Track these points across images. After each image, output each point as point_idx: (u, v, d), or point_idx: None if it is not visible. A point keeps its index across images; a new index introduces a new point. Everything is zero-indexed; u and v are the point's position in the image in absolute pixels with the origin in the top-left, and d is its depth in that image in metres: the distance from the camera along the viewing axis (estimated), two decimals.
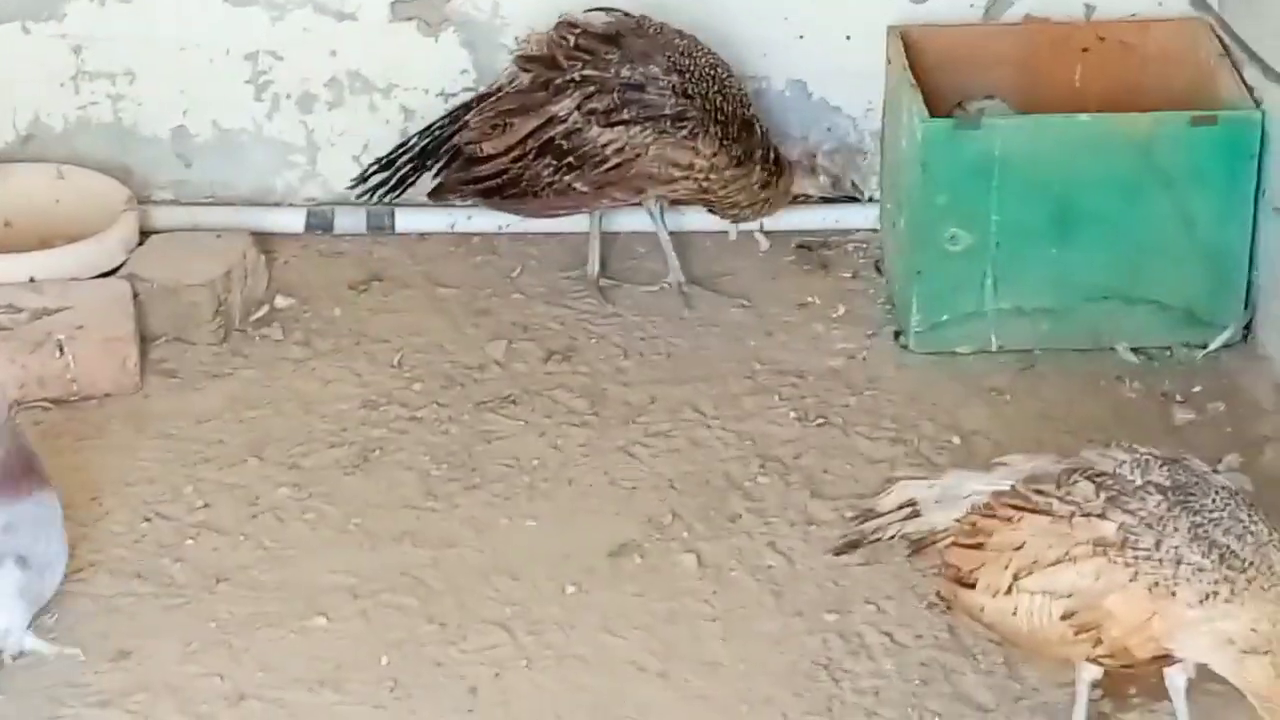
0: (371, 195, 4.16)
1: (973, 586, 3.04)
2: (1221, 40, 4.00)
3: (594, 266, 4.11)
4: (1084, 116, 3.86)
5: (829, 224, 4.27)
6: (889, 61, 4.08)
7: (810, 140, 4.21)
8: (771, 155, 4.05)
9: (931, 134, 3.82)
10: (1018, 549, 2.98)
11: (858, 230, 4.26)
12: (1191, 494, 2.91)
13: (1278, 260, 3.81)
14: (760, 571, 3.41)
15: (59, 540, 3.26)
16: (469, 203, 4.16)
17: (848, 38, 4.19)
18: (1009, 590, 2.99)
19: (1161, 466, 2.96)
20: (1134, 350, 3.90)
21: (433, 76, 4.24)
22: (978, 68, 4.12)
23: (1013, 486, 3.06)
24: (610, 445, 3.72)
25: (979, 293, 3.90)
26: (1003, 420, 3.75)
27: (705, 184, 4.00)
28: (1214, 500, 2.88)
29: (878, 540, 3.16)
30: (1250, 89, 3.87)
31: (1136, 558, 2.88)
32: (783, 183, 4.08)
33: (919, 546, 3.14)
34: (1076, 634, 2.94)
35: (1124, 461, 2.98)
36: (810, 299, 4.12)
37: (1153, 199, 3.83)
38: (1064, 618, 2.94)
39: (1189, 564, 2.85)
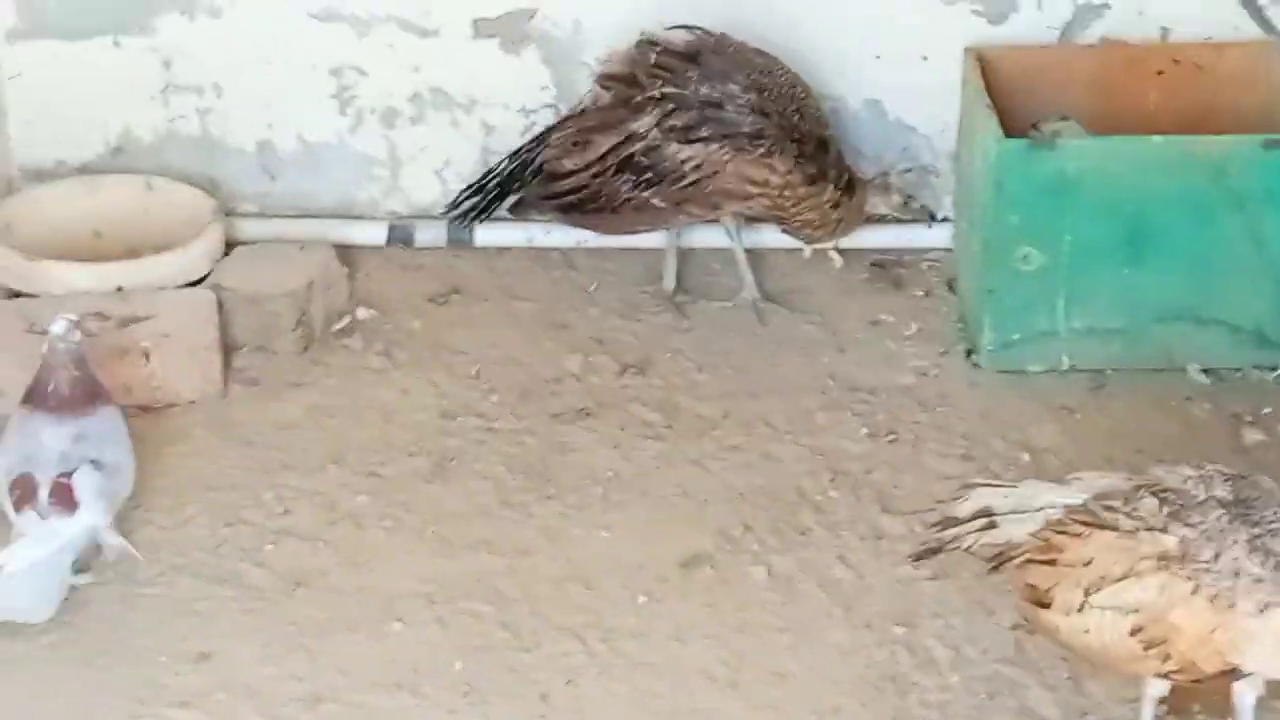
0: (464, 220, 4.19)
1: (1049, 606, 3.04)
2: None
3: (670, 282, 4.14)
4: (1157, 138, 3.86)
5: (903, 242, 4.28)
6: (965, 82, 4.08)
7: (885, 160, 4.22)
8: (845, 175, 4.06)
9: (1006, 153, 3.82)
10: (1087, 565, 3.00)
11: (931, 249, 4.28)
12: (1252, 507, 2.92)
13: None
14: (829, 584, 3.43)
15: (126, 449, 3.45)
16: (549, 218, 4.19)
17: (924, 58, 4.20)
18: (1081, 608, 2.99)
19: (1225, 482, 2.98)
20: (1205, 371, 3.89)
21: (513, 93, 4.27)
22: (1053, 89, 4.11)
23: (1084, 502, 3.07)
24: (683, 458, 3.73)
25: (1051, 312, 3.90)
26: (1073, 439, 3.75)
27: (780, 201, 4.02)
28: (1275, 513, 2.89)
29: (955, 548, 3.14)
30: None
31: (1197, 570, 2.90)
32: (855, 202, 4.10)
33: (998, 560, 3.13)
34: (1146, 649, 2.94)
35: (1189, 477, 3.00)
36: (883, 316, 4.13)
37: (1225, 221, 3.82)
38: (1132, 633, 2.95)
39: (1248, 575, 2.86)
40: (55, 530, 3.31)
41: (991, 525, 3.14)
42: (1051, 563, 3.05)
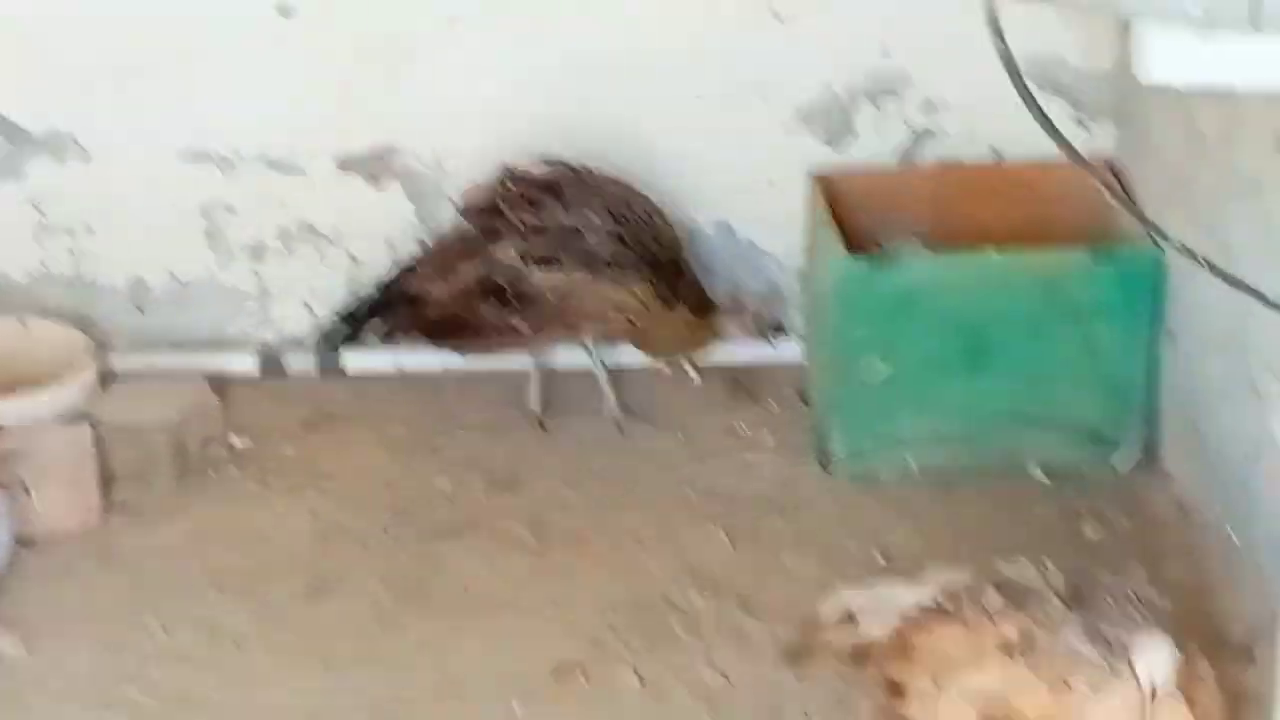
0: (334, 346, 4.26)
1: (902, 696, 3.12)
2: (1120, 178, 4.10)
3: (534, 401, 4.21)
4: (992, 254, 3.96)
5: (758, 358, 4.33)
6: (810, 205, 4.18)
7: (736, 280, 4.32)
8: (700, 297, 4.16)
9: (850, 270, 3.92)
10: (936, 656, 3.09)
11: (784, 363, 4.32)
12: (1087, 596, 3.04)
13: (1173, 386, 3.92)
14: (697, 686, 3.46)
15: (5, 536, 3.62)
16: (417, 343, 4.24)
17: (770, 183, 4.29)
18: (933, 699, 3.07)
19: (1064, 577, 3.09)
20: (1045, 471, 3.99)
21: (379, 226, 4.32)
22: (894, 209, 4.18)
23: (934, 599, 3.17)
24: (553, 570, 3.77)
25: (897, 420, 3.98)
26: (923, 539, 3.81)
27: (638, 323, 4.12)
28: (1108, 601, 3.02)
29: (825, 648, 3.24)
30: (1148, 224, 3.89)
31: (1036, 657, 2.99)
32: (708, 323, 4.19)
33: (861, 657, 3.22)
34: None
35: (1029, 570, 3.12)
36: (740, 427, 4.19)
37: (1059, 329, 3.92)
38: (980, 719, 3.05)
39: (1083, 659, 2.96)
40: None
41: (852, 626, 3.23)
42: (907, 656, 3.14)
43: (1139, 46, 2.12)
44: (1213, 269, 2.34)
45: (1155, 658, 2.97)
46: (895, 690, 3.15)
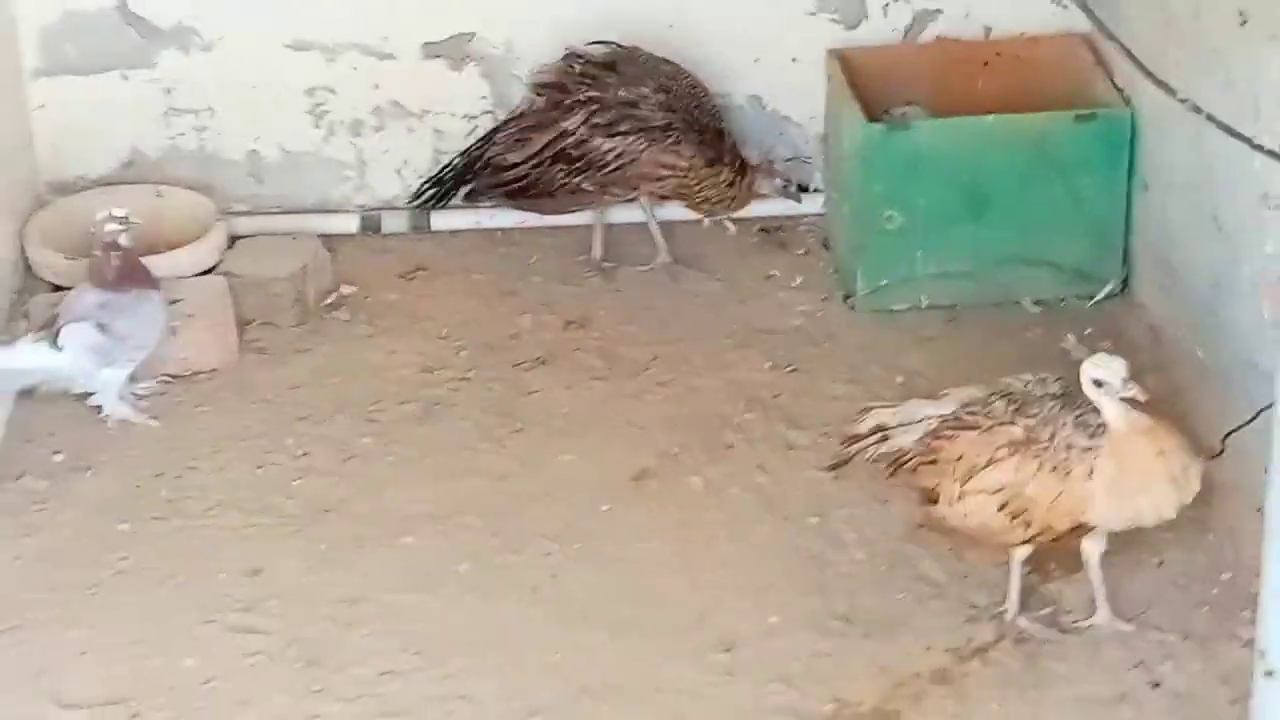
0: (424, 206, 4.30)
1: (936, 501, 3.24)
2: (1095, 51, 4.15)
3: (598, 251, 4.26)
4: (989, 118, 4.00)
5: (784, 211, 4.36)
6: (829, 78, 4.22)
7: (765, 146, 4.33)
8: (738, 159, 4.19)
9: (868, 135, 3.97)
10: (959, 460, 3.19)
11: (807, 215, 4.37)
12: (1075, 397, 3.15)
13: (1147, 227, 3.97)
14: (753, 488, 3.58)
15: (151, 327, 3.74)
16: (495, 204, 4.30)
17: (794, 59, 4.32)
18: (960, 497, 3.19)
19: (1055, 381, 3.22)
20: (1036, 303, 4.06)
21: (458, 103, 4.35)
22: (900, 80, 4.21)
23: (952, 411, 3.27)
24: (623, 394, 3.85)
25: (910, 262, 4.04)
26: (934, 362, 3.89)
27: (686, 182, 4.16)
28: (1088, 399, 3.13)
29: (859, 458, 3.34)
30: (1120, 90, 4.04)
31: (1040, 450, 3.12)
32: (746, 181, 4.22)
33: (894, 466, 3.32)
34: (1012, 520, 3.15)
35: (1029, 381, 3.24)
36: (773, 272, 4.24)
37: (1046, 182, 3.98)
38: (999, 509, 3.15)
39: (1077, 446, 3.10)
40: (34, 354, 3.61)
41: (885, 438, 3.32)
42: (933, 463, 3.24)
43: None
44: (1210, 119, 2.40)
45: (1110, 366, 3.11)
46: (929, 496, 3.26)
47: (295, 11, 4.28)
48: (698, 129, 4.14)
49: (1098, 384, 3.12)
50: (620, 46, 4.20)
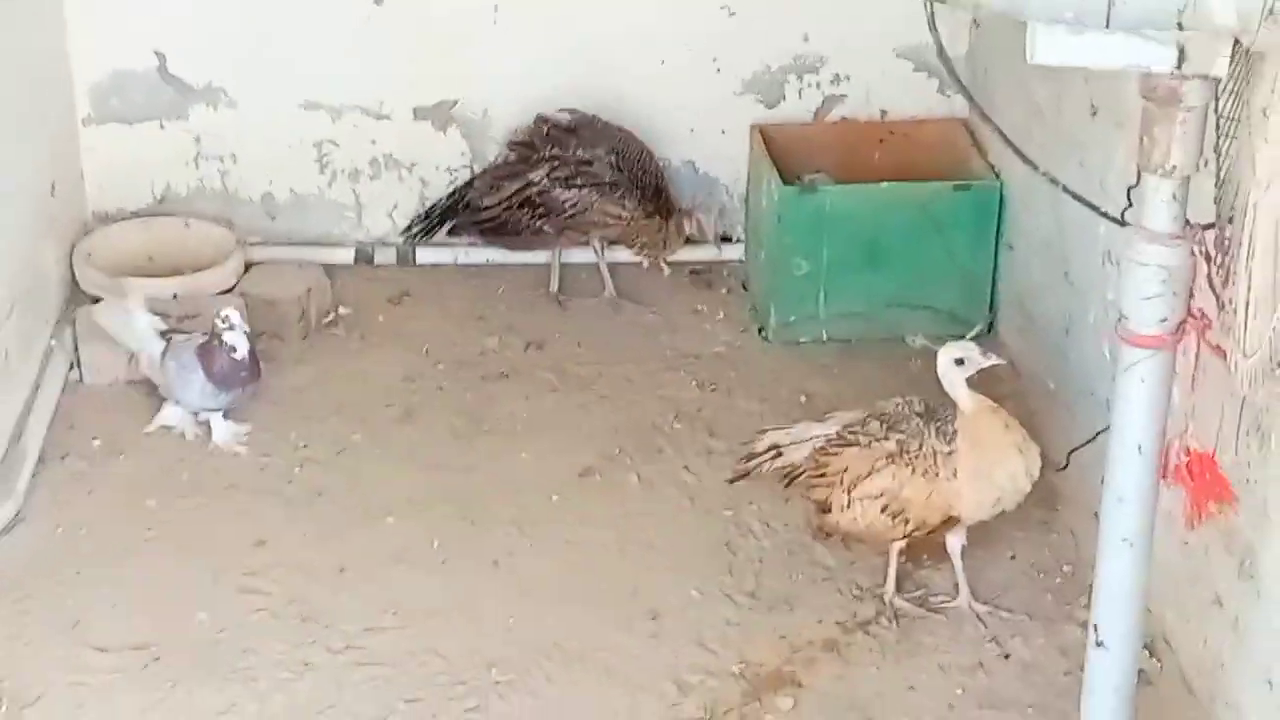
0: (414, 239, 4.33)
1: (829, 510, 3.27)
2: (972, 133, 4.23)
3: (554, 285, 4.27)
4: (883, 185, 4.05)
5: (711, 257, 4.39)
6: (751, 148, 4.27)
7: (694, 200, 4.35)
8: (670, 211, 4.22)
9: (783, 196, 4.01)
10: (844, 472, 3.24)
11: (730, 261, 4.39)
12: (936, 413, 3.22)
13: (1009, 278, 4.03)
14: (679, 484, 3.61)
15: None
16: (473, 239, 4.31)
17: (723, 131, 4.36)
18: (848, 504, 3.23)
19: (920, 402, 3.27)
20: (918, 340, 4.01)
21: (441, 158, 4.37)
22: (811, 152, 4.26)
23: (837, 431, 3.31)
24: (573, 404, 3.87)
25: (815, 302, 4.07)
26: (834, 386, 3.92)
27: (629, 229, 4.21)
28: (949, 413, 3.20)
29: (757, 472, 3.38)
30: (992, 166, 4.10)
31: (910, 458, 3.18)
32: (673, 227, 4.24)
33: (788, 479, 3.36)
34: (893, 519, 3.20)
35: (898, 403, 3.29)
36: (700, 307, 4.26)
37: (929, 239, 4.02)
38: (882, 511, 3.20)
39: (940, 452, 3.17)
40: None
41: (779, 454, 3.35)
42: (822, 476, 3.27)
43: (1030, 39, 2.16)
44: (1065, 189, 2.46)
45: (966, 346, 3.18)
46: (822, 507, 3.30)
47: (307, 77, 4.30)
48: (639, 186, 4.17)
49: (959, 362, 3.15)
50: (583, 114, 4.23)
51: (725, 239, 4.40)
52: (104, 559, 3.37)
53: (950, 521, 3.22)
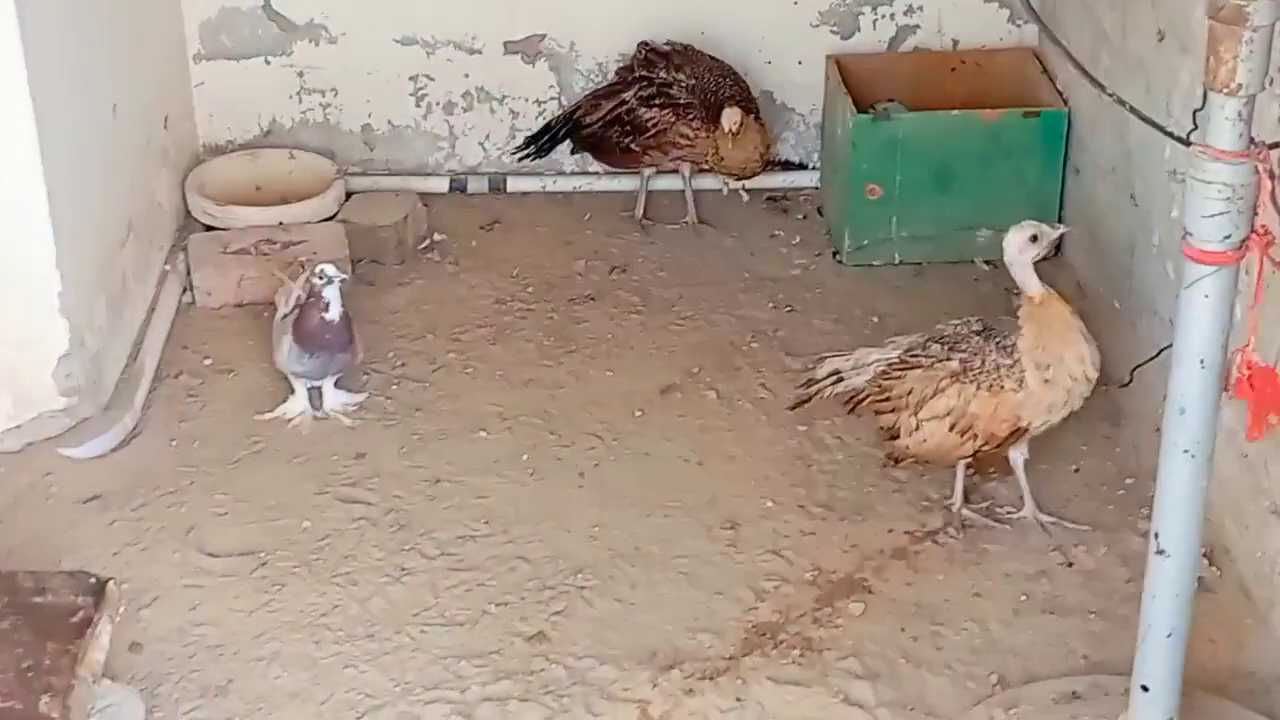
0: (532, 154, 4.24)
1: (897, 436, 3.20)
2: (1041, 61, 4.13)
3: (640, 210, 4.22)
4: (954, 112, 3.98)
5: (787, 184, 4.34)
6: (827, 77, 4.20)
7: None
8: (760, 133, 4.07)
9: (858, 123, 3.95)
10: (909, 394, 3.16)
11: (805, 188, 4.34)
12: (994, 331, 3.14)
13: (1076, 202, 3.94)
14: (756, 401, 3.57)
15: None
16: (582, 153, 4.26)
17: (799, 62, 4.29)
18: (916, 427, 3.16)
19: (977, 322, 3.19)
20: (986, 262, 3.99)
21: (531, 91, 4.33)
22: (884, 81, 4.18)
23: (899, 356, 3.22)
24: (655, 325, 3.84)
25: (887, 226, 4.01)
26: (905, 307, 3.87)
27: (700, 149, 4.07)
28: (1007, 332, 3.13)
29: (819, 398, 3.31)
30: (1060, 92, 4.01)
31: (974, 375, 3.10)
32: (762, 152, 4.08)
33: (850, 403, 3.29)
34: (962, 436, 3.13)
35: (955, 324, 3.20)
36: (777, 232, 4.21)
37: (999, 164, 3.95)
38: (950, 429, 3.13)
39: (1003, 366, 3.09)
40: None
41: (840, 380, 3.27)
42: (886, 400, 3.20)
43: None
44: (1132, 110, 2.38)
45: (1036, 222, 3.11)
46: (889, 433, 3.22)
47: (403, 14, 4.27)
48: (714, 110, 4.04)
49: (1033, 239, 3.07)
50: (678, 43, 4.15)
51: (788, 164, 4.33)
52: (215, 470, 3.38)
53: (1018, 433, 3.15)
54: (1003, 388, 3.10)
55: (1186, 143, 2.30)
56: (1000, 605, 3.05)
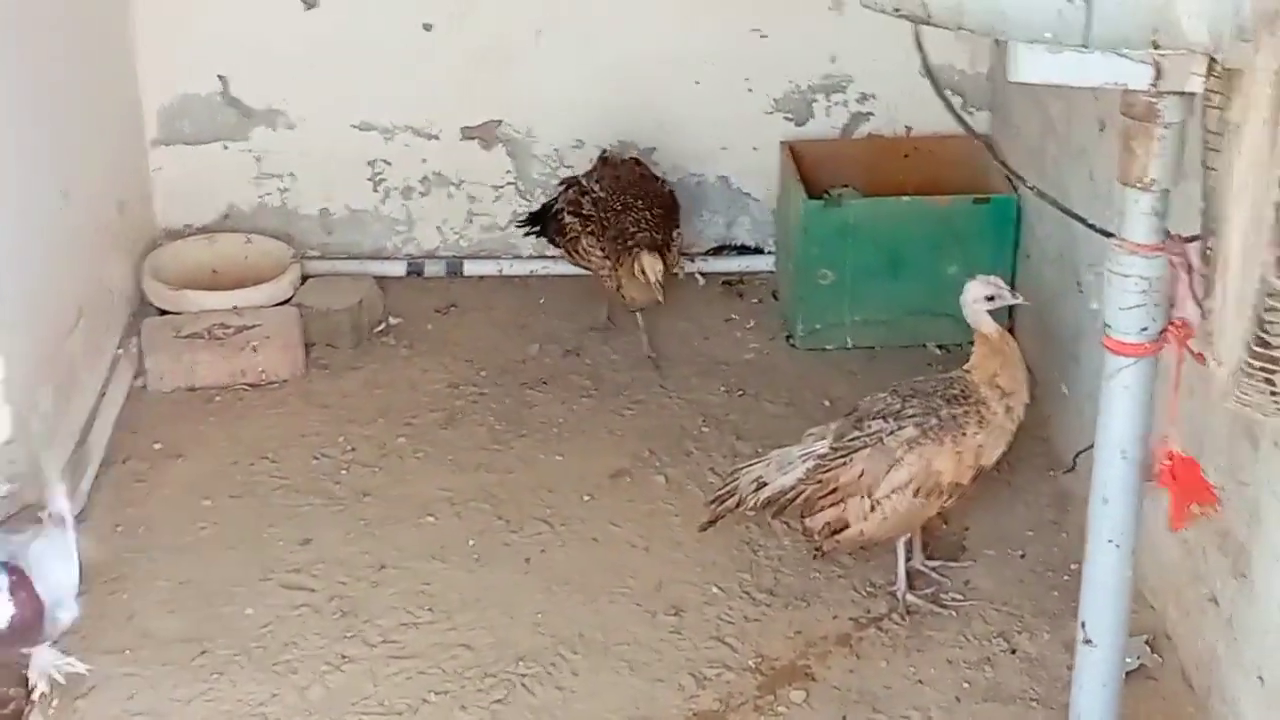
0: (531, 233, 4.21)
1: (847, 525, 3.15)
2: (992, 149, 4.08)
3: (645, 348, 4.05)
4: (906, 198, 4.02)
5: (743, 268, 4.39)
6: (782, 164, 4.23)
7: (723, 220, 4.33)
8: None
9: (809, 209, 3.98)
10: (860, 477, 3.12)
11: (761, 271, 4.37)
12: (925, 391, 3.17)
13: (1026, 287, 3.87)
14: (705, 485, 3.54)
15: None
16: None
17: (755, 148, 4.33)
18: (873, 508, 3.12)
19: (905, 386, 3.20)
20: (939, 346, 4.04)
21: (488, 176, 4.36)
22: (838, 166, 4.23)
23: (831, 446, 3.17)
24: (607, 409, 3.84)
25: (840, 310, 4.04)
26: (858, 390, 3.75)
27: (605, 272, 3.95)
28: (934, 386, 3.17)
29: (738, 510, 3.22)
30: (1011, 180, 3.98)
31: (932, 433, 3.10)
32: (630, 273, 3.89)
33: (778, 506, 3.21)
34: (928, 498, 3.10)
35: (884, 397, 3.19)
36: (732, 315, 4.23)
37: (950, 250, 3.97)
38: (915, 495, 3.10)
39: (958, 414, 3.11)
40: None
41: (763, 485, 3.21)
42: (834, 493, 3.14)
43: (1010, 58, 2.13)
44: (1053, 202, 2.43)
45: (995, 282, 3.15)
46: (832, 527, 3.16)
47: (361, 99, 4.31)
48: (612, 228, 3.94)
49: (989, 298, 3.13)
50: (618, 157, 4.15)
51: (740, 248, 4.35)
52: (159, 556, 3.38)
53: (978, 477, 3.13)
54: (964, 434, 3.10)
55: (1108, 234, 2.34)
56: (943, 692, 3.06)
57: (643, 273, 3.86)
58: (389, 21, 4.23)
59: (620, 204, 3.99)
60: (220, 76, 4.28)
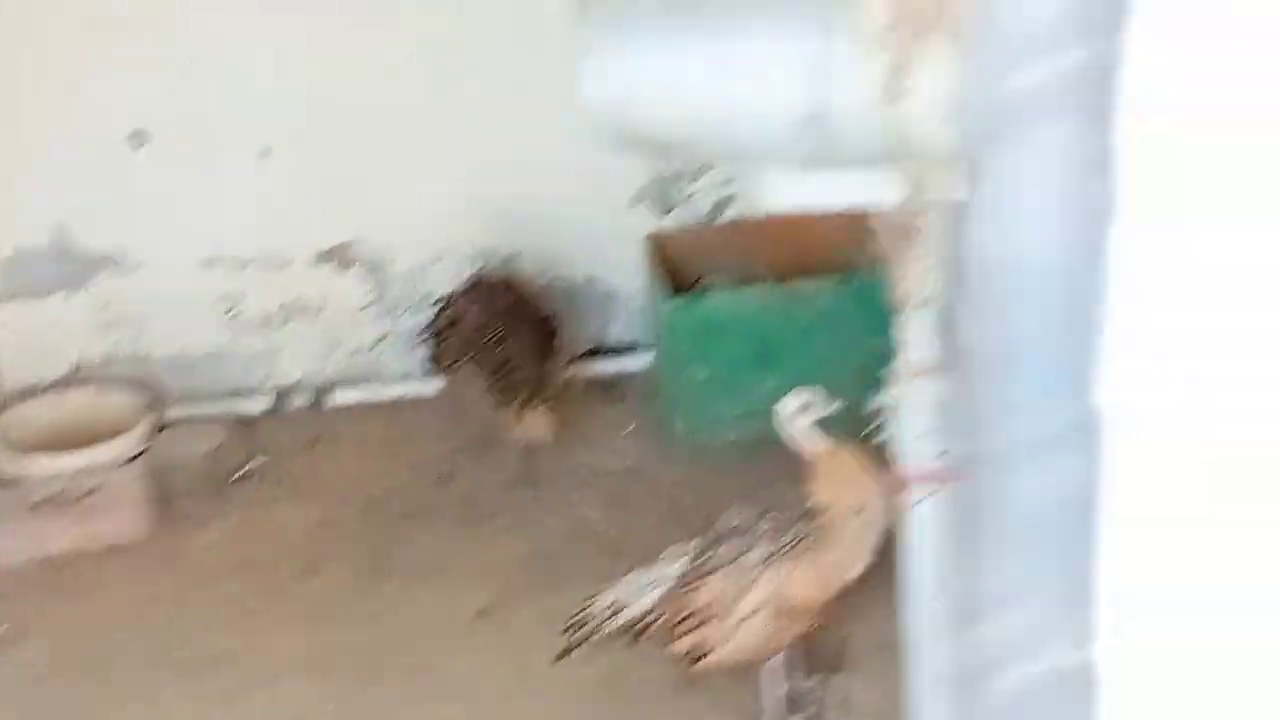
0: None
1: (707, 653, 3.02)
2: (863, 224, 4.05)
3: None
4: (767, 286, 3.88)
5: (619, 369, 4.26)
6: (647, 258, 4.10)
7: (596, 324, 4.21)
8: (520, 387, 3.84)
9: (670, 307, 3.88)
10: (716, 600, 3.00)
11: (638, 372, 4.22)
12: (780, 502, 3.05)
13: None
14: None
15: None
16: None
17: (620, 243, 4.17)
18: (733, 632, 3.00)
19: (766, 499, 3.08)
20: None
21: (348, 298, 4.24)
22: (706, 254, 4.10)
23: (684, 570, 3.05)
24: (481, 536, 3.68)
25: (717, 405, 3.88)
26: (739, 493, 3.39)
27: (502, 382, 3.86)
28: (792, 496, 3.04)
29: (595, 638, 3.07)
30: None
31: (788, 551, 2.98)
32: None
33: (638, 631, 3.08)
34: (790, 619, 2.99)
35: (740, 511, 3.08)
36: (611, 421, 4.08)
37: (820, 335, 3.83)
38: (775, 617, 2.98)
39: (813, 530, 2.98)
40: None
41: (618, 612, 3.08)
42: (691, 617, 3.02)
43: (756, 185, 2.05)
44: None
45: (806, 394, 3.07)
46: (696, 653, 3.03)
47: (206, 234, 4.17)
48: (502, 369, 3.86)
49: (803, 409, 3.02)
50: (491, 278, 4.04)
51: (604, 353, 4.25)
52: None
53: (843, 589, 3.01)
54: (820, 552, 2.98)
55: None
56: None
57: (546, 436, 3.81)
58: (223, 150, 4.10)
59: (497, 335, 3.88)
60: (57, 225, 4.14)
